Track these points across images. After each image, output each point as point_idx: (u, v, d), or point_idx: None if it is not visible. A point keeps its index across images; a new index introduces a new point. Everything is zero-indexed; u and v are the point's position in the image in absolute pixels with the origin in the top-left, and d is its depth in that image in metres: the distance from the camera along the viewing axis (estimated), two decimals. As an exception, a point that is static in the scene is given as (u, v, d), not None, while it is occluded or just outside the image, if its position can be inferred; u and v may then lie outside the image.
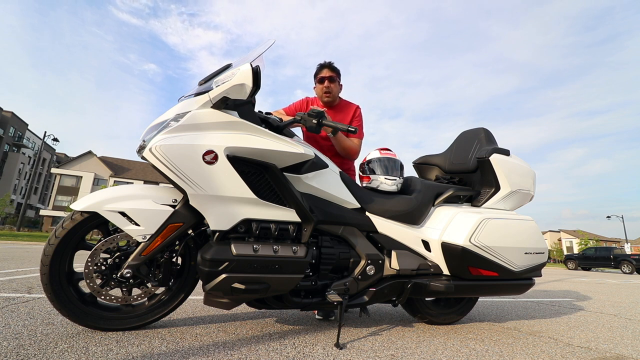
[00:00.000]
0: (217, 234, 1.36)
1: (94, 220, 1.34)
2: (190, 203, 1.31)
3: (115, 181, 36.71)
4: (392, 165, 1.85)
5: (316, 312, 1.99)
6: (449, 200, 1.89)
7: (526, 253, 1.77)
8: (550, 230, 56.51)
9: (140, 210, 1.32)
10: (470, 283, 1.70)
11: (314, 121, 1.59)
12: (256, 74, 1.37)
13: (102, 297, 1.33)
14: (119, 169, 38.98)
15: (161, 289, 1.49)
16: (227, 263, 1.31)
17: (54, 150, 55.69)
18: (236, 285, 1.33)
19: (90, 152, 38.34)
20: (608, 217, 31.16)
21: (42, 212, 36.75)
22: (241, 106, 1.42)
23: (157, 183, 34.44)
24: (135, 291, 1.41)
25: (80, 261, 3.71)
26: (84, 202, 1.31)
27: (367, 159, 1.94)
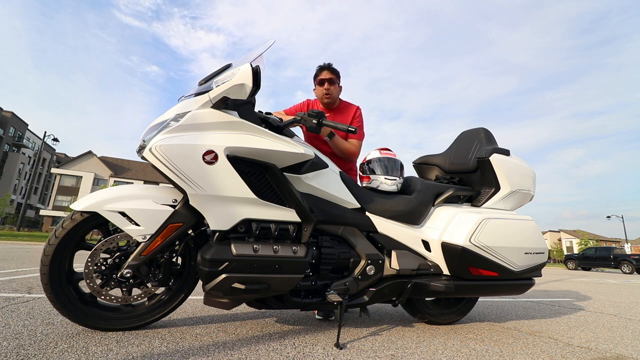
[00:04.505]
0: (217, 234, 1.36)
1: (94, 220, 1.33)
2: (190, 203, 1.31)
3: (115, 181, 36.71)
4: (392, 165, 1.85)
5: (316, 312, 1.99)
6: (449, 200, 1.89)
7: (526, 253, 1.77)
8: (550, 230, 56.53)
9: (140, 210, 1.32)
10: (470, 283, 1.70)
11: (314, 121, 1.59)
12: (256, 74, 1.37)
13: (102, 297, 1.33)
14: (119, 169, 38.98)
15: (161, 289, 1.49)
16: (227, 263, 1.31)
17: (54, 150, 55.69)
18: (236, 285, 1.33)
19: (90, 152, 38.35)
20: (608, 217, 31.16)
21: (42, 212, 36.75)
22: (241, 106, 1.42)
23: (157, 183, 34.44)
24: (135, 291, 1.41)
25: (80, 261, 3.71)
26: (84, 202, 1.31)
27: (367, 159, 1.93)
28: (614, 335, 1.95)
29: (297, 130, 2.04)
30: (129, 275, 1.32)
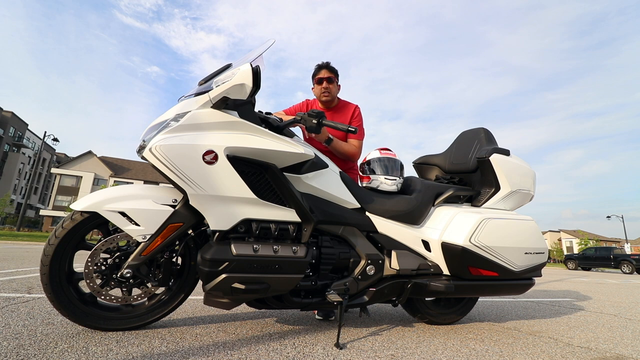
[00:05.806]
0: (217, 234, 1.36)
1: (94, 220, 1.33)
2: (190, 203, 1.31)
3: (115, 181, 36.70)
4: (392, 165, 1.85)
5: (316, 312, 1.99)
6: (449, 200, 1.89)
7: (526, 253, 1.77)
8: (550, 230, 56.49)
9: (140, 210, 1.32)
10: (470, 283, 1.70)
11: (314, 121, 1.59)
12: (256, 74, 1.37)
13: (102, 297, 1.33)
14: (119, 169, 38.97)
15: (161, 289, 1.49)
16: (227, 263, 1.31)
17: (54, 150, 55.70)
18: (236, 285, 1.33)
19: (90, 152, 38.34)
20: (608, 217, 31.16)
21: (42, 212, 36.75)
22: (241, 106, 1.42)
23: (157, 183, 34.45)
24: (135, 291, 1.41)
25: (80, 261, 3.71)
26: (84, 202, 1.31)
27: (367, 159, 1.93)
28: (614, 335, 1.95)
29: (297, 130, 2.04)
30: (129, 275, 1.32)
